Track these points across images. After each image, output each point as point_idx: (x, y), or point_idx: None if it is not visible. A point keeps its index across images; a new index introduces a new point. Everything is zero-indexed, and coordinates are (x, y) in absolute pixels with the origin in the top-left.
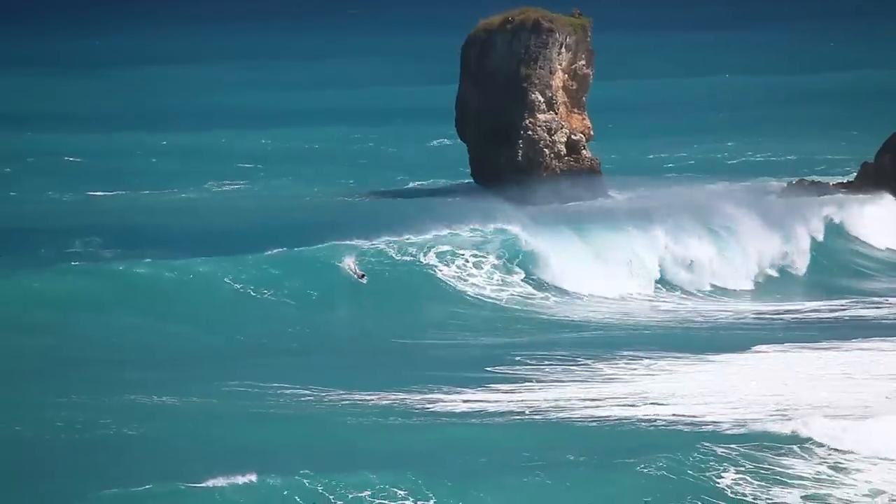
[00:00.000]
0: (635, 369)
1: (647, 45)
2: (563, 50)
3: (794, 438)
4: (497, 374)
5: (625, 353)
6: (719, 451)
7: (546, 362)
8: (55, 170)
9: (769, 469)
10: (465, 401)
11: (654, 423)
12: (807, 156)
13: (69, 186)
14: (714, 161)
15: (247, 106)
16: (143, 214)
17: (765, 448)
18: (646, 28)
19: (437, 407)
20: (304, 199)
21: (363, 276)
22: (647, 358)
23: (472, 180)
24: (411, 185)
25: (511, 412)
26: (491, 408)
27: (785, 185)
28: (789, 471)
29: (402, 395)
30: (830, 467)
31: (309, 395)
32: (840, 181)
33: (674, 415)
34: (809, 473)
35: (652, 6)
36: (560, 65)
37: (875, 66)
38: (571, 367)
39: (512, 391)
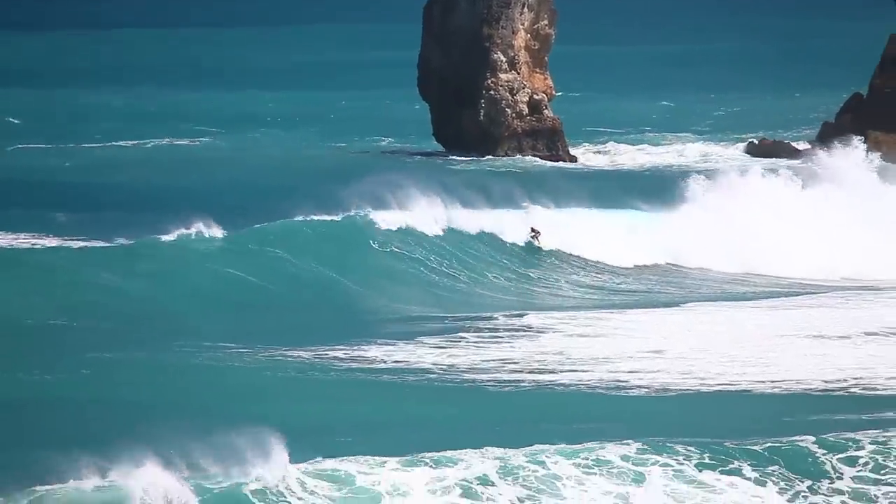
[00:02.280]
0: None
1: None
2: (526, 10)
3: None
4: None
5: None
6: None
7: (485, 322)
8: None
9: None
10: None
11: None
12: (763, 115)
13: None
14: (679, 119)
15: (210, 66)
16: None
17: None
18: None
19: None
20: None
21: (535, 235)
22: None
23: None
24: (371, 142)
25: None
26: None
27: (746, 144)
28: None
29: (329, 351)
30: None
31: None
32: (800, 142)
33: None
34: None
35: None
36: (522, 25)
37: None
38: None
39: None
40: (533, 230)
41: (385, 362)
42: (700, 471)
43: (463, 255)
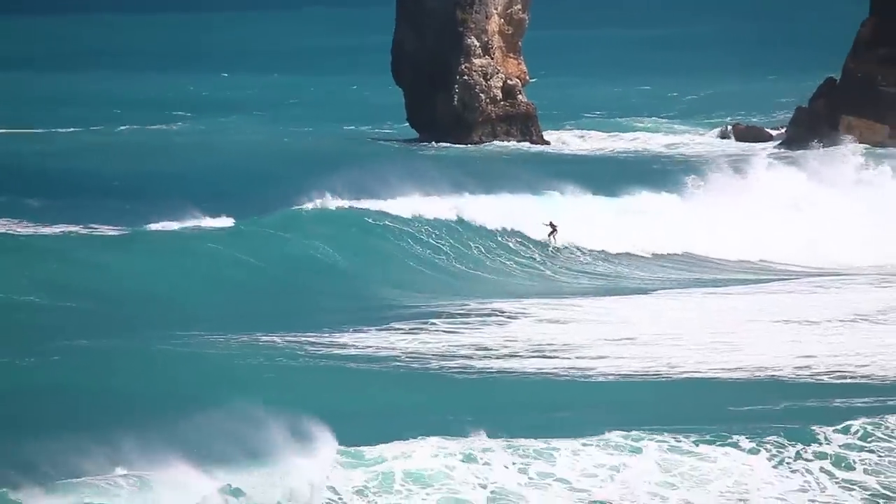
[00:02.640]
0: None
1: None
2: None
3: None
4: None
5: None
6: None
7: (456, 308)
8: None
9: None
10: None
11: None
12: (737, 98)
13: None
14: (654, 103)
15: (188, 51)
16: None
17: None
18: None
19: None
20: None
21: (552, 231)
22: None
23: (407, 125)
24: (345, 128)
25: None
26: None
27: (720, 129)
28: None
29: (301, 336)
30: None
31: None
32: (776, 128)
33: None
34: None
35: None
36: (496, 9)
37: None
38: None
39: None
40: (551, 224)
41: (356, 347)
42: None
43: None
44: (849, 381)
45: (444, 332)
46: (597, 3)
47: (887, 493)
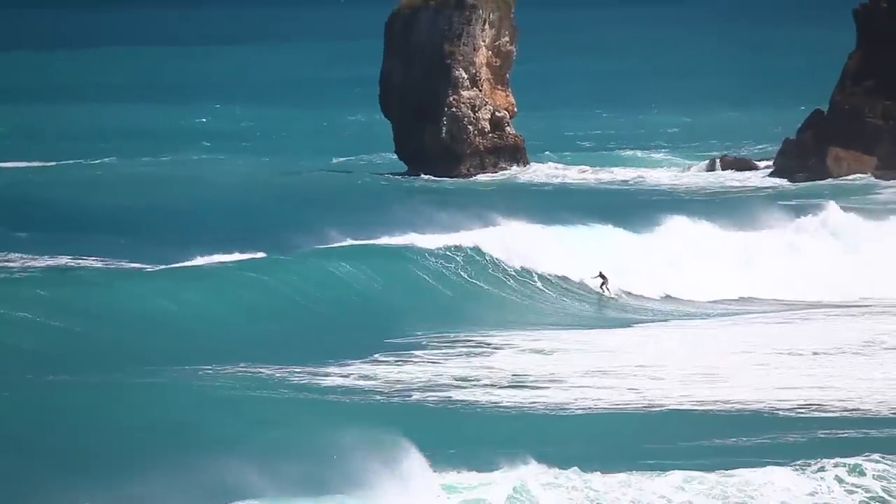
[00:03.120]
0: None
1: (572, 21)
2: (487, 27)
3: None
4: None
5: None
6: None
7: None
8: None
9: None
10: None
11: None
12: (722, 130)
13: None
14: (636, 135)
15: (176, 84)
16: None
17: None
18: (567, 4)
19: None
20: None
21: (604, 282)
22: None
23: (395, 156)
24: (335, 160)
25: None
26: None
27: (707, 161)
28: None
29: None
30: None
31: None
32: (763, 159)
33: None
34: None
35: None
36: (484, 41)
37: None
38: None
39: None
40: (601, 275)
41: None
42: None
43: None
44: (829, 414)
45: (429, 362)
46: (584, 35)
47: None
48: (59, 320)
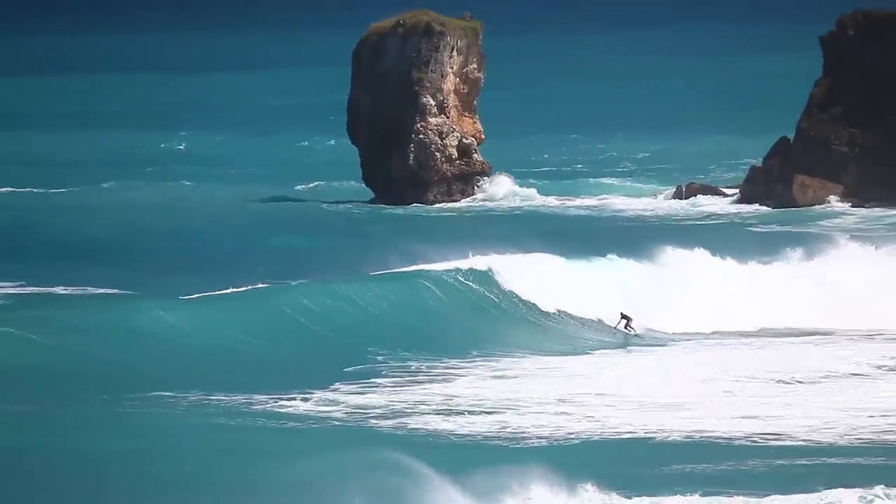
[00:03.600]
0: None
1: (540, 46)
2: (455, 53)
3: None
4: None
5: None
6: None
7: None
8: None
9: None
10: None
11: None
12: (690, 156)
13: None
14: (603, 160)
15: (140, 111)
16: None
17: None
18: (537, 30)
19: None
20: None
21: (628, 322)
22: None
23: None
24: (298, 187)
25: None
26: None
27: (674, 188)
28: None
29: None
30: None
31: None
32: (728, 185)
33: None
34: None
35: (543, 9)
36: (451, 68)
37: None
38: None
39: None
40: (623, 316)
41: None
42: None
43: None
44: (789, 443)
45: (390, 388)
46: (551, 58)
47: None
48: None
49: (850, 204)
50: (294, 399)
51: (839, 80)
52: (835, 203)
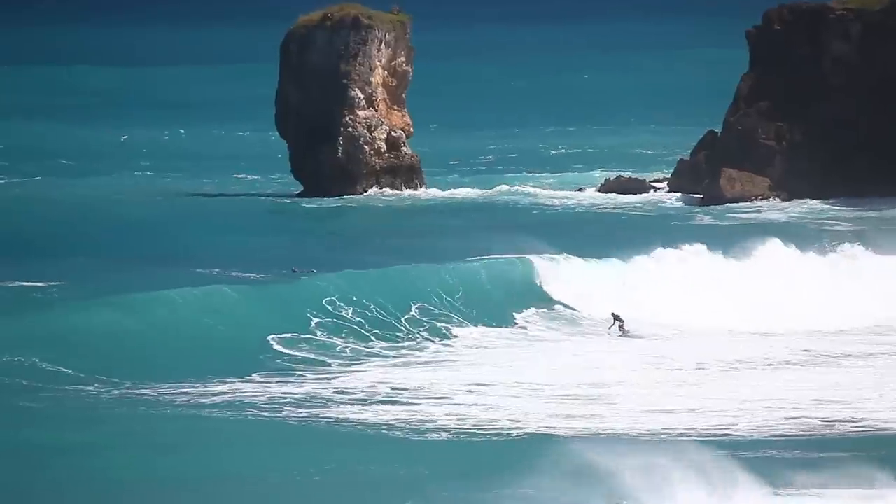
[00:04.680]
0: None
1: (468, 40)
2: (383, 47)
3: None
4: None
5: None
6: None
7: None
8: None
9: None
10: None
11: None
12: (623, 148)
13: None
14: (536, 152)
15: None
16: None
17: None
18: (465, 24)
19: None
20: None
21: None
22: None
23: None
24: (223, 180)
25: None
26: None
27: (603, 181)
28: None
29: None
30: None
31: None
32: (657, 178)
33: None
34: None
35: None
36: (380, 61)
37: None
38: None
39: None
40: (615, 317)
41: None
42: None
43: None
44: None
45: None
46: (483, 52)
47: None
48: None
49: (778, 198)
50: (208, 389)
51: (766, 74)
52: (761, 201)
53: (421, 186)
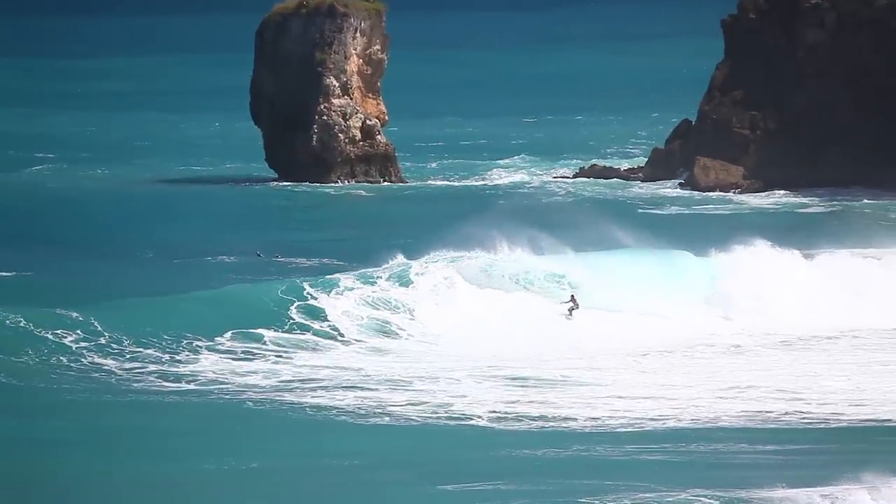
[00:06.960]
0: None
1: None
2: (358, 35)
3: None
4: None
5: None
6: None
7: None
8: None
9: None
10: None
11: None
12: (590, 138)
13: None
14: (508, 139)
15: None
16: None
17: None
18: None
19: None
20: None
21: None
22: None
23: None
24: (197, 168)
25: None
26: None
27: (577, 170)
28: None
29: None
30: None
31: None
32: (630, 167)
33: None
34: None
35: None
36: (355, 50)
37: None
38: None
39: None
40: (573, 299)
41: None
42: None
43: None
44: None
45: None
46: (457, 39)
47: None
48: None
49: (753, 187)
50: (171, 370)
51: (740, 63)
52: (733, 192)
53: (395, 176)
